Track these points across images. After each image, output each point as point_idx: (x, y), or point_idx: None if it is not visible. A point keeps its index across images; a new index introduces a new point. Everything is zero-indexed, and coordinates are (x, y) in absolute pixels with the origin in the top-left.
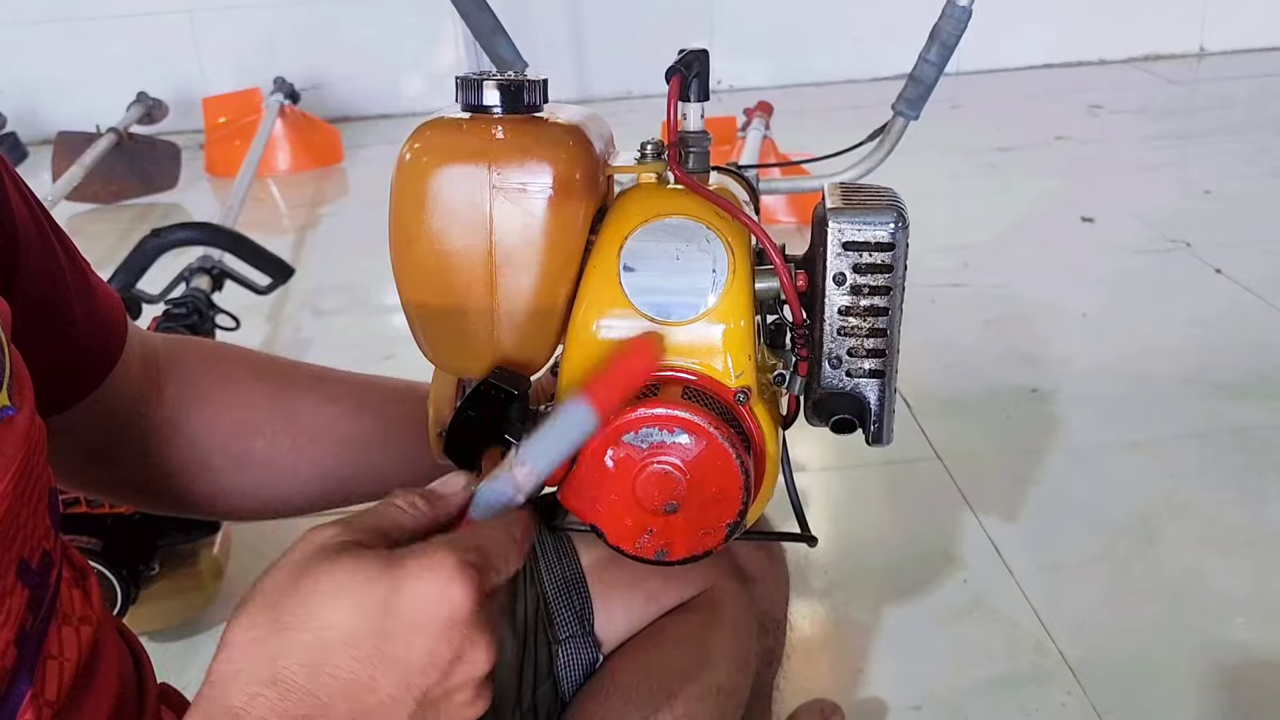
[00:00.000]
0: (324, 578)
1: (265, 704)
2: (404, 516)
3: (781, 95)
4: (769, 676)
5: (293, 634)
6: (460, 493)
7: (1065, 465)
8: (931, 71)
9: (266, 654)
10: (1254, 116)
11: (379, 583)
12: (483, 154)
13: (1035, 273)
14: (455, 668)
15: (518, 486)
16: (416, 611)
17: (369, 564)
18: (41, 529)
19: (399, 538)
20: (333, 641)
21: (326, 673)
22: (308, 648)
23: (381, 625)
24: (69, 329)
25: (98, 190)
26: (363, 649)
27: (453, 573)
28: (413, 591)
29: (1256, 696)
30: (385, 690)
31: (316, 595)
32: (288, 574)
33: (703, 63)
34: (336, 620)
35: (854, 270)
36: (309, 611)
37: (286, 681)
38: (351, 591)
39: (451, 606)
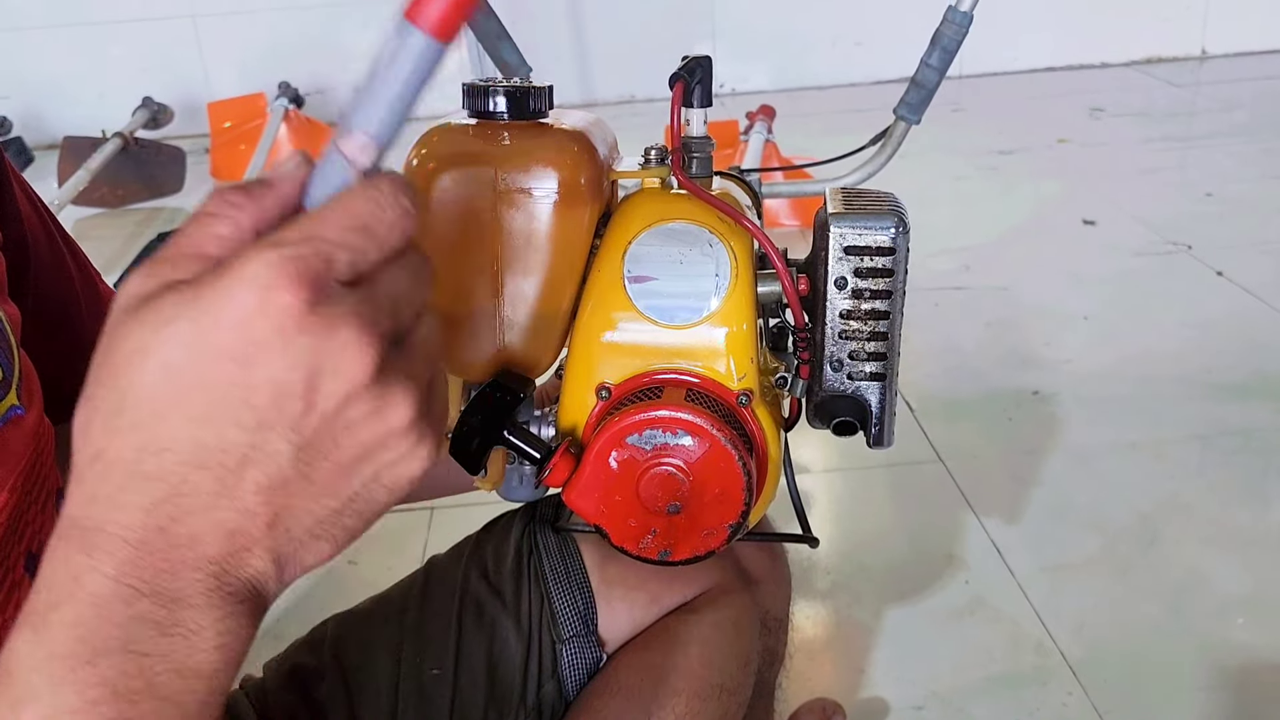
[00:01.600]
0: (123, 339)
1: (103, 504)
2: (221, 224)
3: (784, 99)
4: (771, 676)
5: (111, 419)
6: (293, 173)
7: (1066, 466)
8: (933, 76)
9: (92, 451)
10: (1256, 119)
11: (180, 322)
12: (489, 159)
13: (1037, 275)
14: (315, 387)
15: (349, 160)
16: (235, 340)
17: (166, 305)
18: (51, 525)
19: (218, 250)
20: (152, 409)
21: (160, 446)
22: (130, 429)
23: (200, 371)
24: (78, 334)
25: (104, 194)
26: (190, 406)
27: (268, 274)
28: (223, 318)
29: (1257, 697)
30: (239, 442)
31: (120, 366)
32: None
33: (706, 69)
34: (147, 384)
35: (855, 274)
36: (117, 387)
37: (119, 472)
38: (152, 345)
39: (273, 317)
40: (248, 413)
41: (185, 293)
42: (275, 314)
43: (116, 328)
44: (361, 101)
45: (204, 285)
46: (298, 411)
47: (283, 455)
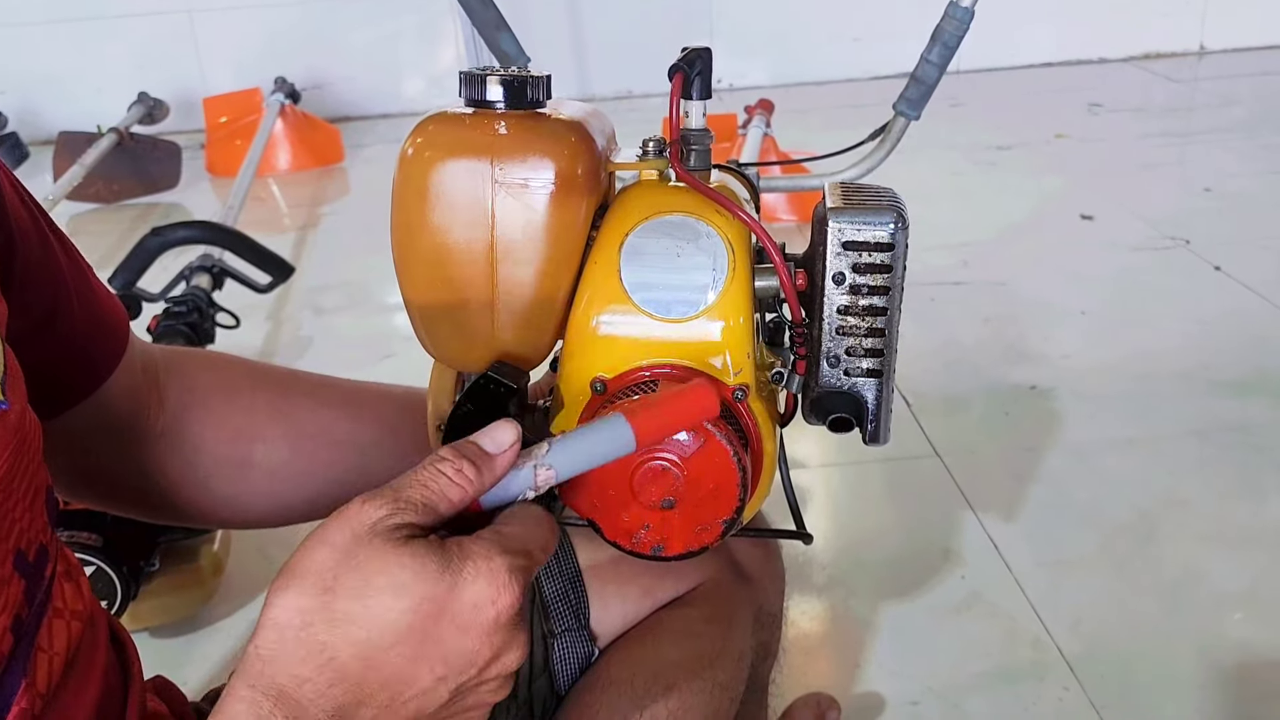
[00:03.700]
0: (381, 573)
1: (313, 689)
2: (453, 489)
3: (782, 94)
4: (765, 671)
5: (348, 627)
6: (508, 453)
7: (1064, 462)
8: (933, 72)
9: (319, 642)
10: (1254, 114)
11: (438, 584)
12: (485, 149)
13: (1035, 270)
14: (491, 665)
15: (535, 485)
16: (469, 615)
17: (428, 562)
18: (39, 523)
19: (447, 512)
20: (386, 639)
21: (373, 665)
22: (362, 643)
23: (434, 625)
24: (69, 330)
25: (99, 190)
26: (412, 647)
27: (507, 579)
28: (469, 596)
29: (1254, 693)
30: (423, 683)
31: (374, 590)
32: (340, 554)
33: (705, 61)
34: (393, 619)
35: (853, 270)
36: (365, 606)
37: (336, 671)
38: (410, 591)
39: (498, 611)
40: (442, 667)
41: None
42: (500, 609)
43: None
44: (563, 448)
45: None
46: (471, 676)
47: (440, 700)
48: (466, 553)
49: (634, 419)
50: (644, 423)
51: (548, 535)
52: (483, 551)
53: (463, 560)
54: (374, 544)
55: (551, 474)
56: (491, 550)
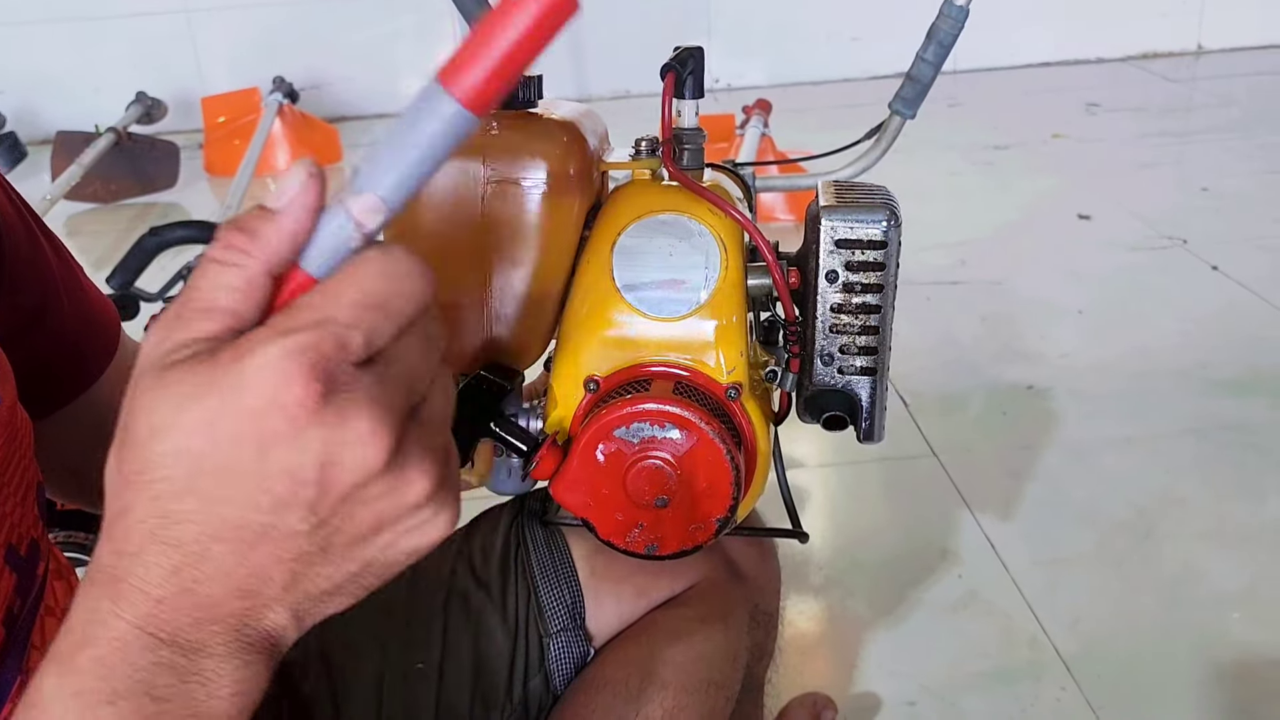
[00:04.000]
0: (145, 412)
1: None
2: (229, 273)
3: (780, 94)
4: (760, 670)
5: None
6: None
7: (1061, 461)
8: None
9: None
10: (1251, 114)
11: (199, 405)
12: (477, 149)
13: (1032, 270)
14: (330, 473)
15: (356, 220)
16: (251, 429)
17: (186, 384)
18: (30, 519)
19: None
20: (172, 487)
21: (180, 519)
22: (149, 500)
23: (217, 456)
24: (58, 329)
25: (97, 190)
26: (206, 487)
27: (281, 366)
28: (240, 407)
29: (1252, 691)
30: (257, 520)
31: (141, 437)
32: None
33: (697, 60)
34: (165, 464)
35: (846, 268)
36: (139, 458)
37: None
38: (172, 426)
39: (286, 411)
40: (264, 497)
41: (201, 371)
42: (288, 407)
43: (140, 390)
44: (377, 161)
45: (219, 368)
46: (312, 496)
47: (299, 533)
48: (236, 351)
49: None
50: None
51: (371, 282)
52: (253, 342)
53: (230, 364)
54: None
55: (371, 198)
56: (265, 335)
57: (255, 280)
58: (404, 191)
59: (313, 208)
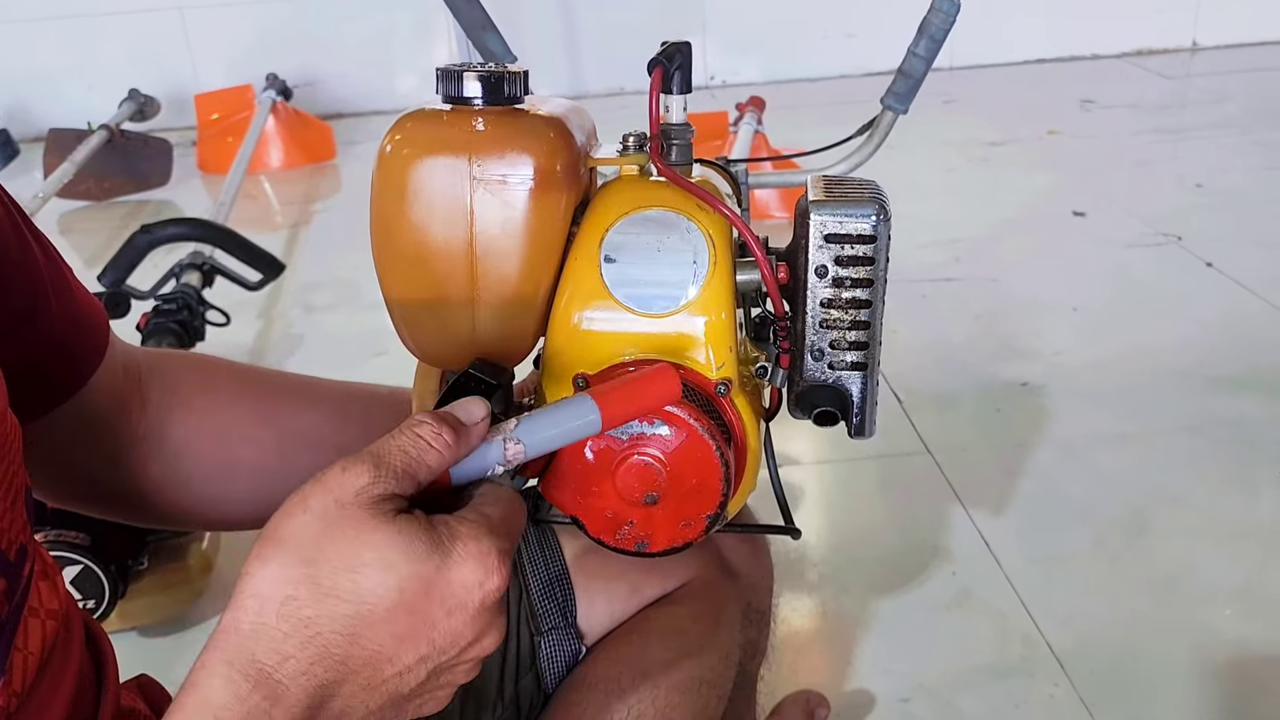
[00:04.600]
0: (369, 547)
1: (295, 667)
2: (432, 455)
3: (774, 91)
4: (753, 668)
5: (333, 603)
6: (479, 424)
7: (1055, 459)
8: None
9: (303, 617)
10: (1246, 111)
11: (427, 563)
12: (463, 145)
13: (1027, 267)
14: (471, 648)
15: (505, 459)
16: (458, 596)
17: (418, 540)
18: (19, 523)
19: (426, 480)
20: (373, 617)
21: (360, 643)
22: (348, 619)
23: (422, 605)
24: (48, 331)
25: (90, 187)
26: (398, 626)
27: (495, 561)
28: (457, 577)
29: (1245, 688)
30: (405, 663)
31: (361, 564)
32: (321, 524)
33: (685, 54)
34: (380, 596)
35: (836, 263)
36: (353, 582)
37: (320, 648)
38: (398, 568)
39: (485, 593)
40: (426, 645)
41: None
42: (486, 590)
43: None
44: (531, 425)
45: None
46: (452, 656)
47: (418, 679)
48: (455, 533)
49: (599, 398)
50: (608, 402)
51: (523, 515)
52: (472, 533)
53: (452, 540)
54: (359, 515)
55: (520, 449)
56: (480, 531)
57: (444, 469)
58: (538, 451)
59: (484, 435)
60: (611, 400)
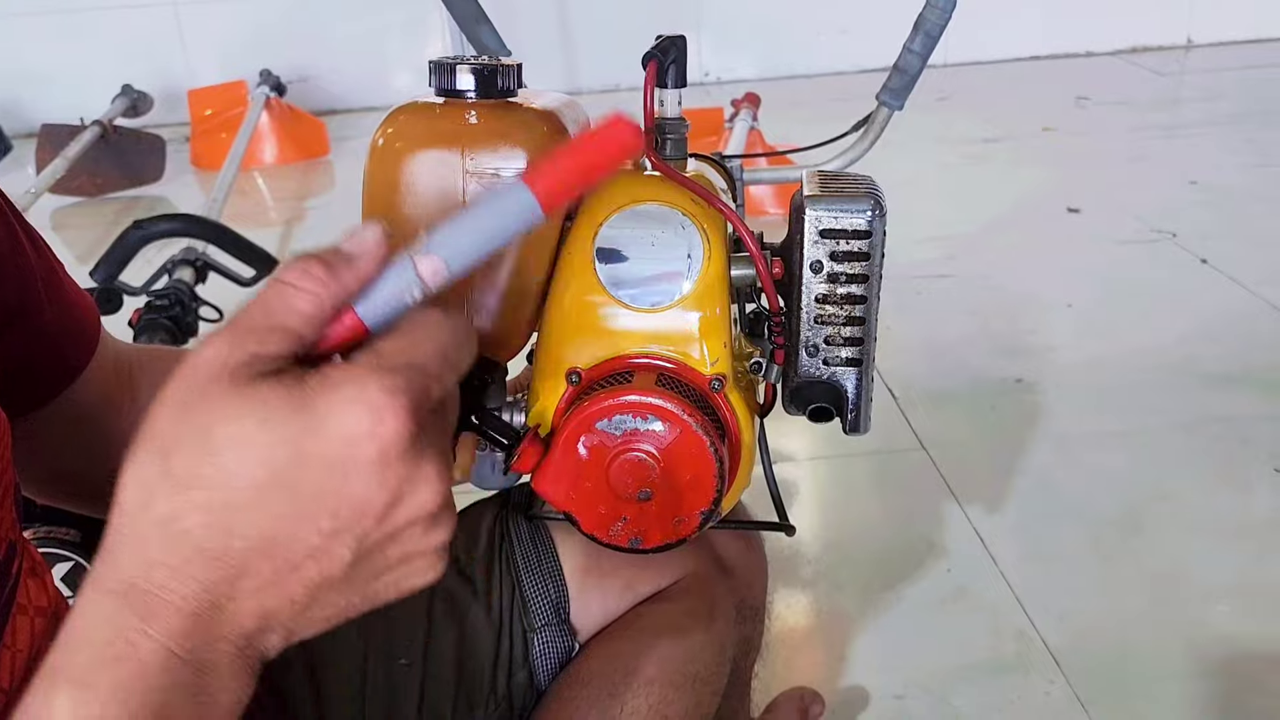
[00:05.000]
0: (222, 422)
1: (165, 573)
2: (300, 297)
3: (770, 87)
4: (747, 665)
5: (194, 494)
6: (372, 248)
7: (1050, 455)
8: (915, 61)
9: (160, 516)
10: (1240, 108)
11: (291, 424)
12: (456, 139)
13: (1021, 263)
14: (393, 509)
15: (420, 277)
16: (340, 455)
17: (278, 402)
18: (7, 521)
19: (300, 328)
20: (238, 499)
21: (236, 533)
22: (215, 509)
23: (298, 475)
24: (38, 327)
25: (82, 183)
26: (277, 504)
27: (385, 401)
28: (335, 431)
29: (1240, 685)
30: (310, 544)
31: (216, 445)
32: (175, 412)
33: (680, 49)
34: (243, 474)
35: (831, 258)
36: (212, 466)
37: (190, 545)
38: (258, 439)
39: (380, 443)
40: (328, 520)
41: (290, 392)
42: (382, 441)
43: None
44: (449, 229)
45: (310, 393)
46: (369, 526)
47: (342, 559)
48: (328, 381)
49: (530, 175)
50: (545, 177)
51: (446, 339)
52: (347, 376)
53: (323, 391)
54: (211, 391)
55: (438, 262)
56: (359, 373)
57: (323, 311)
58: (466, 261)
59: (382, 261)
60: (544, 172)
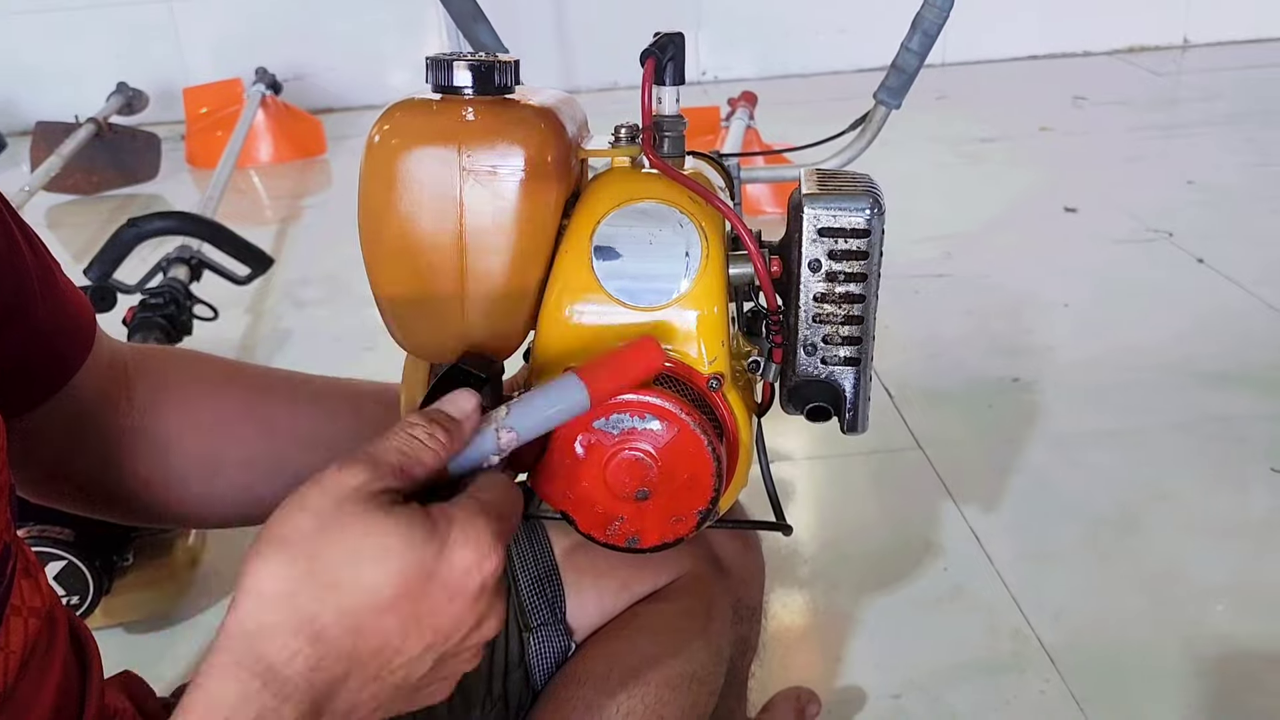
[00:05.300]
0: (368, 539)
1: (303, 661)
2: (426, 452)
3: (767, 86)
4: (744, 665)
5: (336, 596)
6: (470, 416)
7: (1046, 455)
8: (913, 60)
9: (307, 612)
10: (1237, 108)
11: (425, 549)
12: (453, 136)
13: (1018, 263)
14: (473, 633)
15: (499, 448)
16: (458, 581)
17: (415, 528)
18: (1, 522)
19: (422, 476)
20: (375, 605)
21: (364, 635)
22: (351, 612)
23: (423, 592)
24: (34, 326)
25: (77, 181)
26: (401, 615)
27: (492, 543)
28: (457, 562)
29: (1236, 685)
30: (412, 652)
31: (360, 557)
32: (319, 521)
33: (678, 45)
34: (381, 585)
35: (829, 256)
36: (353, 573)
37: (325, 640)
38: (397, 557)
39: (484, 576)
40: (431, 633)
41: (430, 526)
42: (485, 574)
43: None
44: (523, 410)
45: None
46: (456, 642)
47: (425, 667)
48: (451, 518)
49: (585, 375)
50: (594, 378)
51: (519, 500)
52: (467, 517)
53: (448, 526)
54: (356, 509)
55: (513, 436)
56: (475, 515)
57: (440, 465)
58: (530, 437)
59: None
60: (597, 376)
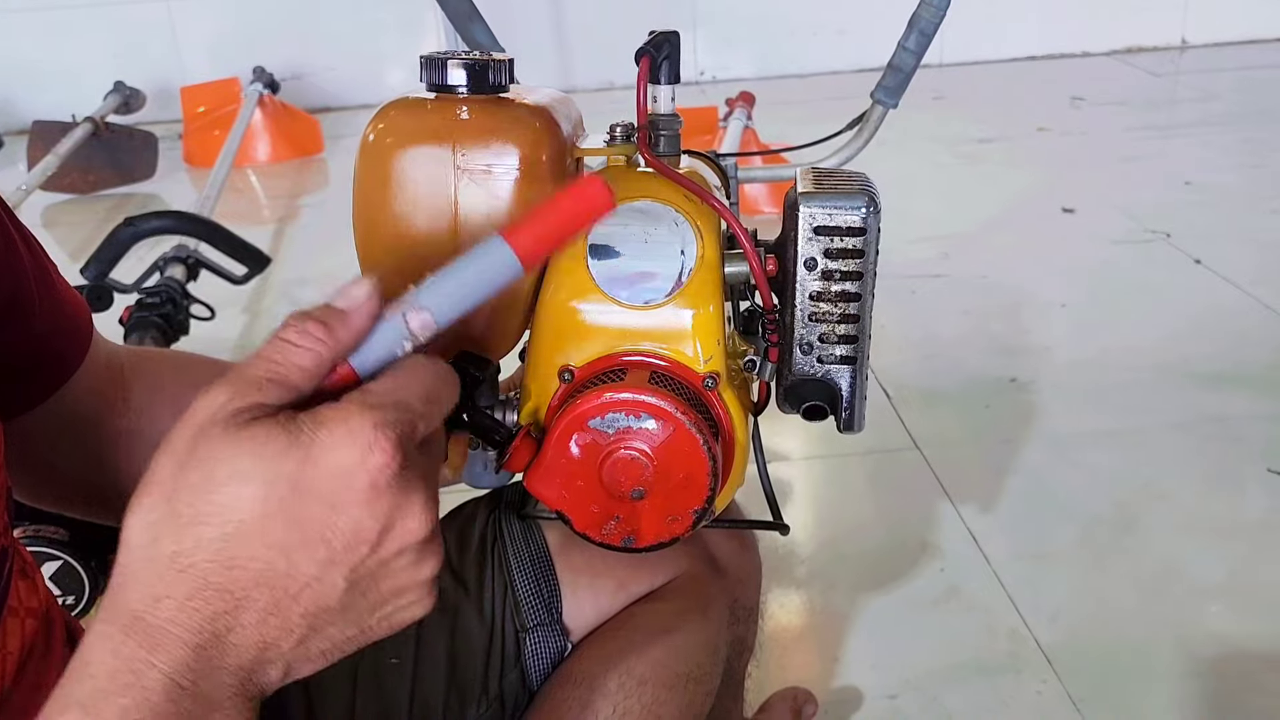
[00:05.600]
0: (220, 464)
1: (171, 606)
2: (300, 354)
3: (765, 86)
4: (740, 665)
5: (198, 529)
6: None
7: (1043, 455)
8: (910, 59)
9: (170, 553)
10: (1235, 109)
11: (286, 459)
12: (447, 135)
13: (1016, 263)
14: (384, 538)
15: (410, 333)
16: (332, 485)
17: (273, 440)
18: (1, 524)
19: (300, 382)
20: (240, 532)
21: (237, 564)
22: (217, 543)
23: (294, 507)
24: (30, 327)
25: (74, 180)
26: (275, 535)
27: (372, 436)
28: (327, 465)
29: (1232, 684)
30: (307, 573)
31: (217, 483)
32: (181, 453)
33: (673, 44)
34: (242, 508)
35: (825, 255)
36: (212, 504)
37: (194, 580)
38: (256, 474)
39: (370, 473)
40: (323, 549)
41: (291, 432)
42: (371, 471)
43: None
44: (436, 286)
45: (303, 430)
46: (363, 555)
47: (337, 588)
48: (320, 420)
49: (510, 233)
50: (523, 235)
51: (430, 381)
52: (338, 414)
53: (315, 429)
54: (213, 435)
55: (426, 316)
56: (349, 411)
57: (321, 366)
58: (452, 315)
59: (374, 315)
60: (522, 230)
